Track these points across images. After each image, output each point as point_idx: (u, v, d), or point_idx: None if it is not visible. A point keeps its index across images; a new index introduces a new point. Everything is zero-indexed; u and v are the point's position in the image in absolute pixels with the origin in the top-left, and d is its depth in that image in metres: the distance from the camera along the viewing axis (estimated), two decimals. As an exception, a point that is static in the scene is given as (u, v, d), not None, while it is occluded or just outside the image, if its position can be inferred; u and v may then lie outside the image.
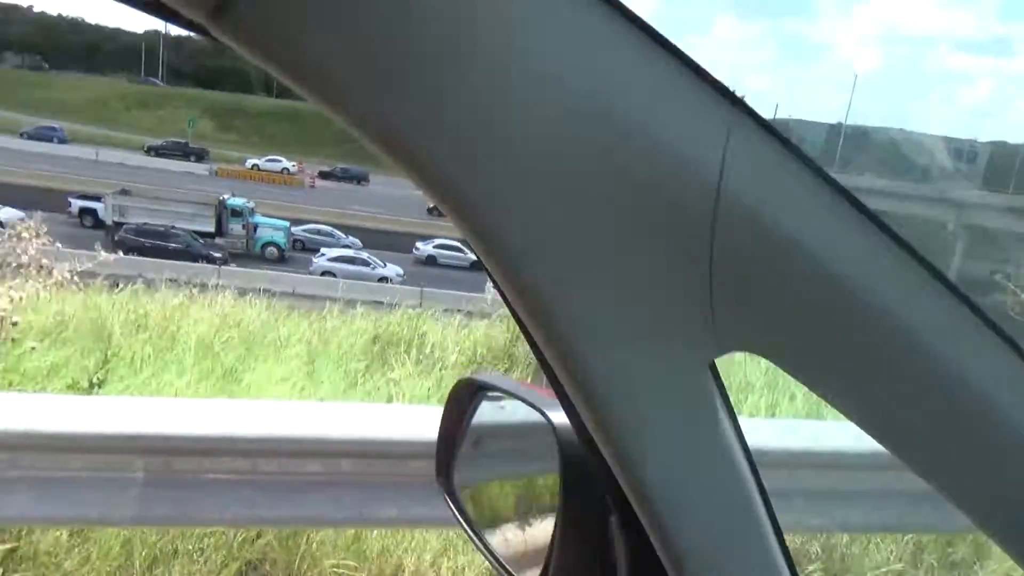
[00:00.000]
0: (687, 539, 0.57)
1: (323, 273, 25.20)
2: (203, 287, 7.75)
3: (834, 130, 46.87)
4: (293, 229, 35.86)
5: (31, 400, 3.04)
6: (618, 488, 0.58)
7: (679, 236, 0.49)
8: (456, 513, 1.32)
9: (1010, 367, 0.54)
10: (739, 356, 0.72)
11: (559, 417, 0.80)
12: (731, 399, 0.56)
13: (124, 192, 34.24)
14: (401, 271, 30.19)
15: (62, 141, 57.70)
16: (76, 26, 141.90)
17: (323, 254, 30.97)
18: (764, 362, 0.56)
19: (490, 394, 1.35)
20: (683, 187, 0.48)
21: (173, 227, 30.38)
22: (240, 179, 52.11)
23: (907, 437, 0.55)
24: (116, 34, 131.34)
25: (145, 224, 30.30)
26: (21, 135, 57.03)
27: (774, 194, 0.50)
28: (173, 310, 6.31)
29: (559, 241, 0.46)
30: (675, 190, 0.48)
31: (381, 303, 7.68)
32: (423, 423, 3.24)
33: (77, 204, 32.71)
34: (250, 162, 59.51)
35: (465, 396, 1.35)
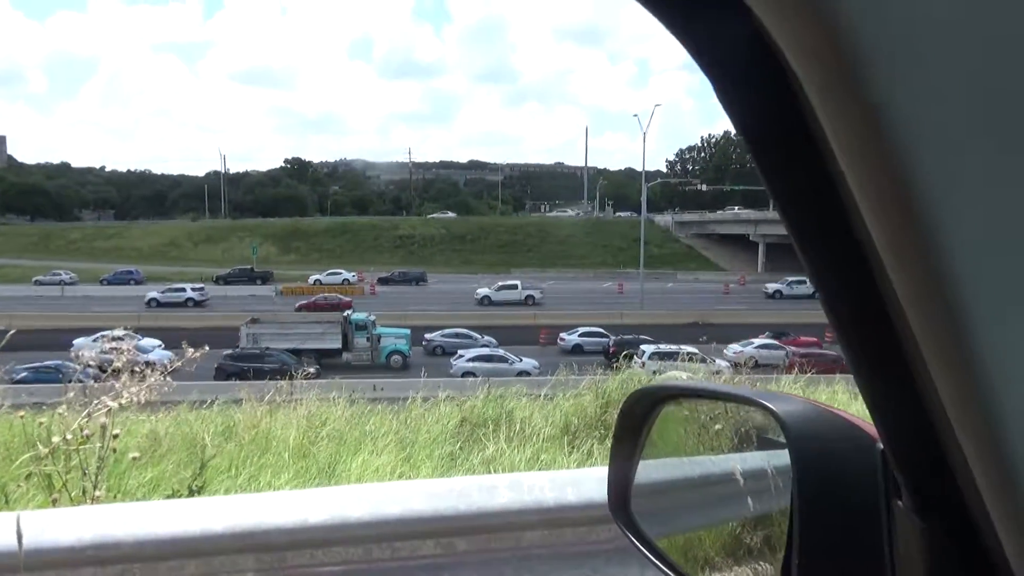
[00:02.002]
0: None
1: (464, 374, 25.01)
2: (289, 399, 7.69)
3: None
4: (431, 335, 36.27)
5: (139, 508, 2.98)
6: (916, 474, 0.60)
7: None
8: (640, 547, 1.14)
9: None
10: None
11: (782, 407, 0.80)
12: None
13: (255, 321, 36.11)
14: (537, 363, 29.91)
15: (139, 282, 61.35)
16: (144, 178, 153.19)
17: (461, 355, 31.12)
18: None
19: (676, 404, 1.15)
20: None
21: (267, 349, 31.12)
22: (305, 295, 53.87)
23: None
24: (181, 180, 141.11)
25: (242, 349, 31.38)
26: (101, 282, 60.98)
27: None
28: (260, 418, 6.31)
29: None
30: None
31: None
32: (534, 489, 3.05)
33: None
34: (312, 278, 61.82)
35: (641, 414, 1.14)
